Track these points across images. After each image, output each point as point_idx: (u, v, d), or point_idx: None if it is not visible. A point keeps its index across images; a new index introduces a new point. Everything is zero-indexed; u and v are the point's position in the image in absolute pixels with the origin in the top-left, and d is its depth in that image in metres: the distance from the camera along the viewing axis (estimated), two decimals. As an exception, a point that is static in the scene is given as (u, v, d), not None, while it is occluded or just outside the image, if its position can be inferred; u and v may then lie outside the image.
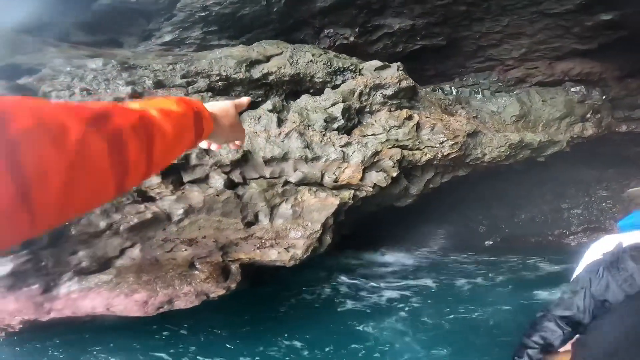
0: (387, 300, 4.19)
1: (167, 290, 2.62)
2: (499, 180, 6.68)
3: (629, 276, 1.07)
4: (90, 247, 2.64)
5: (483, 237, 9.35)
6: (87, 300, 2.52)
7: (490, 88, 6.44)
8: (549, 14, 5.18)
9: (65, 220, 0.37)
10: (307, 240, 3.24)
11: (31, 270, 2.53)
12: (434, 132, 4.46)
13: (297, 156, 3.61)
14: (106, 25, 5.55)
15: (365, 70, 4.40)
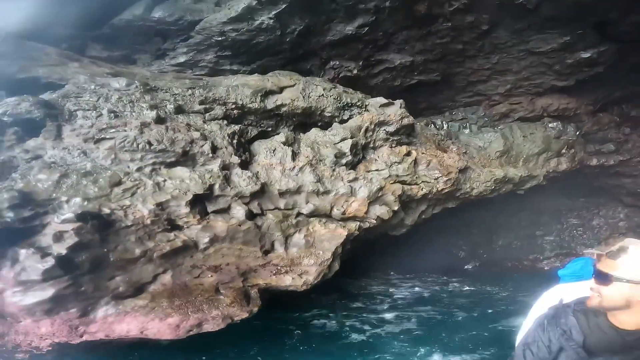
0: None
1: (197, 314, 3.03)
2: (479, 209, 7.52)
3: (567, 330, 1.10)
4: (127, 273, 3.00)
5: (463, 262, 10.14)
6: (123, 324, 2.85)
7: (477, 123, 7.30)
8: (535, 52, 6.00)
9: None
10: (319, 267, 3.76)
11: (71, 295, 2.83)
12: (429, 168, 5.14)
13: (310, 190, 4.14)
14: (122, 42, 5.90)
15: (371, 107, 5.03)
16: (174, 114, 4.13)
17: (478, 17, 5.57)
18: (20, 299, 2.64)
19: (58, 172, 3.14)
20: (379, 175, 4.74)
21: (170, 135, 3.67)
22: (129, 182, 3.33)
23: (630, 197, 8.58)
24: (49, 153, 3.31)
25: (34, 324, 2.69)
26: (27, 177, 3.08)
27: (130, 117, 3.64)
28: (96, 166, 3.37)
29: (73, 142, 3.41)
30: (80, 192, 3.07)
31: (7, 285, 2.64)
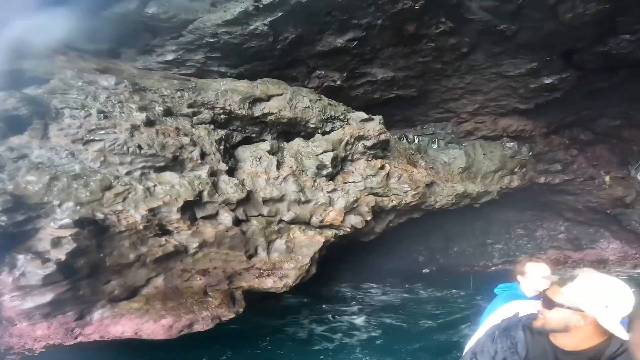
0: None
1: (189, 315, 3.28)
2: (438, 217, 8.26)
3: (513, 344, 1.15)
4: (122, 277, 3.16)
5: (421, 266, 11.03)
6: (118, 325, 3.03)
7: (445, 139, 8.04)
8: (505, 75, 6.71)
9: None
10: (298, 271, 4.15)
11: (70, 299, 2.95)
12: (400, 182, 5.70)
13: (292, 199, 4.49)
14: (109, 35, 5.74)
15: (352, 121, 5.46)
16: (163, 116, 4.25)
17: (460, 39, 6.18)
18: (19, 304, 2.72)
19: (47, 174, 3.19)
20: (355, 187, 5.21)
21: (161, 139, 3.82)
22: (119, 186, 3.46)
23: (570, 212, 9.88)
24: (35, 153, 3.33)
25: (29, 327, 2.79)
26: (16, 178, 3.10)
27: (120, 118, 3.73)
28: (85, 169, 3.45)
29: (60, 142, 3.44)
30: (72, 196, 3.16)
31: (5, 289, 2.71)
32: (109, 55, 5.92)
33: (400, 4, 5.80)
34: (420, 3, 5.75)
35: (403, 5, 5.80)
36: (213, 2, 5.93)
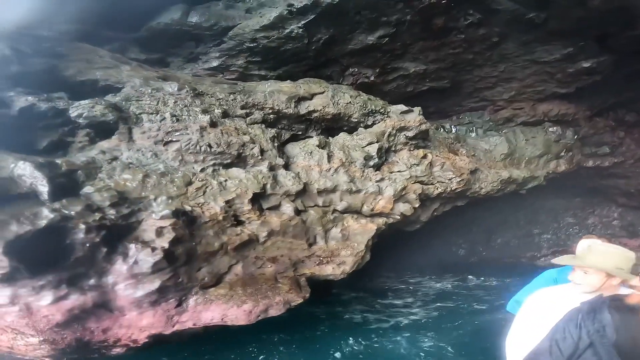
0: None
1: (265, 300, 3.70)
2: (478, 209, 8.32)
3: (601, 327, 1.13)
4: (210, 265, 3.65)
5: (463, 259, 11.00)
6: (208, 312, 3.46)
7: (483, 127, 8.16)
8: (539, 61, 6.91)
9: None
10: (354, 257, 4.51)
11: (172, 286, 3.40)
12: (443, 170, 5.95)
13: (344, 189, 4.87)
14: (158, 45, 6.37)
15: (392, 113, 5.79)
16: (221, 117, 4.77)
17: (489, 30, 6.40)
18: (132, 292, 3.22)
19: (140, 172, 3.74)
20: (402, 175, 5.52)
21: (226, 138, 4.32)
22: (198, 182, 3.97)
23: (623, 197, 9.65)
24: (124, 154, 3.90)
25: (137, 316, 3.26)
26: (114, 177, 3.66)
27: (189, 120, 4.27)
28: (168, 167, 3.99)
29: (144, 144, 4.01)
30: (163, 190, 3.69)
31: (120, 278, 3.21)
32: (159, 65, 6.56)
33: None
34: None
35: (431, 0, 6.09)
36: (248, 9, 6.47)
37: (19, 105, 3.81)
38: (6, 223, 2.78)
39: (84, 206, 3.17)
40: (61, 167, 3.37)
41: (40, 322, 3.04)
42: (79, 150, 3.99)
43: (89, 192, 3.39)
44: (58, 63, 4.64)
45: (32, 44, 4.62)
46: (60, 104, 3.99)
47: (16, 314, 2.95)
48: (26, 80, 4.41)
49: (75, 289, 3.10)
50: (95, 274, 3.19)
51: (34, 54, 4.55)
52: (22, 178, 3.07)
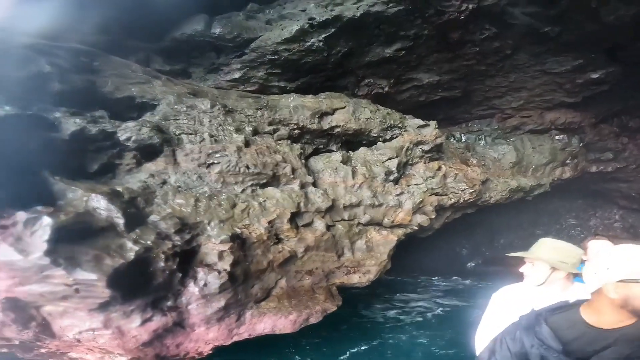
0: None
1: (306, 310, 4.32)
2: (483, 211, 8.92)
3: (542, 339, 1.21)
4: (261, 281, 4.24)
5: (466, 260, 11.69)
6: (261, 323, 4.06)
7: (491, 135, 8.83)
8: (550, 72, 7.60)
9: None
10: (378, 267, 5.16)
11: (234, 303, 4.00)
12: (456, 181, 6.60)
13: (367, 203, 5.49)
14: (180, 55, 6.75)
15: (409, 127, 6.38)
16: (252, 135, 5.28)
17: (503, 43, 6.99)
18: (203, 310, 3.80)
19: (191, 196, 4.26)
20: (419, 189, 6.15)
21: (261, 158, 4.87)
22: (241, 203, 4.52)
23: (625, 199, 10.49)
24: (172, 178, 4.41)
25: (205, 331, 3.85)
26: (168, 202, 4.18)
27: (225, 141, 4.78)
28: (212, 189, 4.52)
29: (189, 166, 4.51)
30: (214, 214, 4.22)
31: (192, 299, 3.79)
32: (182, 76, 6.94)
33: (447, 15, 6.62)
34: (465, 14, 6.48)
35: (449, 16, 6.61)
36: (268, 20, 6.90)
37: (70, 129, 4.25)
38: (101, 258, 3.30)
39: (155, 235, 3.70)
40: (124, 195, 3.86)
41: (130, 342, 3.60)
42: (127, 172, 4.47)
43: (156, 221, 3.92)
44: (95, 79, 5.02)
45: (69, 58, 4.89)
46: (108, 126, 4.44)
47: (109, 336, 3.49)
48: (67, 98, 4.73)
49: (157, 310, 3.67)
50: (172, 296, 3.76)
51: (72, 69, 4.85)
52: (97, 211, 3.57)
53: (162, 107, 5.05)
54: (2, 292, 3.41)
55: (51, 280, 3.22)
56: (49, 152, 4.02)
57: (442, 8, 6.28)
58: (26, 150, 3.84)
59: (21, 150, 3.79)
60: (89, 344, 3.58)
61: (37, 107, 4.36)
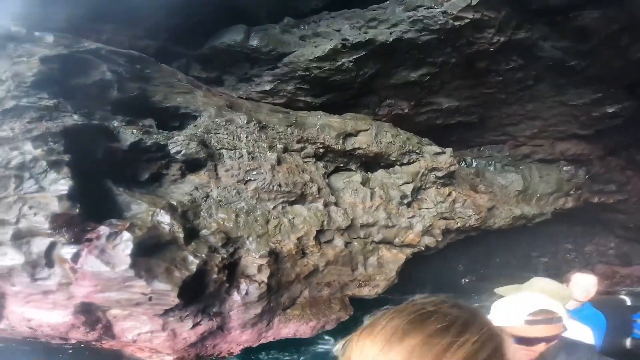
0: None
1: (324, 318, 5.09)
2: (486, 231, 9.46)
3: None
4: (289, 291, 4.98)
5: (460, 276, 12.35)
6: (286, 328, 4.83)
7: (502, 162, 9.51)
8: (568, 104, 8.20)
9: None
10: (386, 282, 5.94)
11: (267, 311, 4.78)
12: (464, 207, 7.33)
13: (382, 224, 6.23)
14: (216, 63, 7.34)
15: (426, 154, 7.09)
16: (282, 153, 5.93)
17: (527, 73, 7.54)
18: (242, 316, 4.57)
19: (232, 211, 4.95)
20: (429, 213, 6.89)
21: (292, 178, 5.57)
22: (273, 219, 5.23)
23: (622, 229, 11.30)
24: (214, 192, 5.11)
25: (239, 334, 4.63)
26: (212, 216, 4.88)
27: (261, 158, 5.46)
28: (249, 205, 5.23)
29: (229, 182, 5.21)
30: (252, 229, 4.94)
31: (234, 306, 4.56)
32: (216, 83, 7.53)
33: (477, 46, 7.14)
34: (496, 46, 7.01)
35: (479, 47, 7.13)
36: (302, 36, 7.50)
37: (129, 140, 4.92)
38: (171, 270, 4.02)
39: (207, 248, 4.43)
40: (178, 208, 4.55)
41: (179, 343, 4.35)
42: (172, 182, 5.16)
43: (206, 235, 4.64)
44: (147, 87, 5.64)
45: (126, 65, 5.43)
46: (160, 138, 5.12)
47: (164, 338, 4.25)
48: (122, 106, 5.35)
49: (205, 315, 4.43)
50: (218, 303, 4.51)
51: (128, 77, 5.42)
52: (161, 225, 4.24)
53: (203, 119, 5.71)
54: (80, 297, 4.10)
55: (131, 289, 3.94)
56: (110, 162, 4.66)
57: (473, 39, 6.84)
58: (94, 161, 4.48)
59: (90, 160, 4.42)
60: (143, 344, 4.32)
61: (99, 115, 4.96)
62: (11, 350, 4.93)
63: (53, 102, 4.49)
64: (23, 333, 4.68)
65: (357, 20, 6.68)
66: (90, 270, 3.91)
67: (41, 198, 3.83)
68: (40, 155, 3.92)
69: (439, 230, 6.97)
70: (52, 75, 4.63)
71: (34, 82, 4.47)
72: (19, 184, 3.91)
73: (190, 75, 7.01)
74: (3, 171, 3.89)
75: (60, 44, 4.91)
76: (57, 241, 3.91)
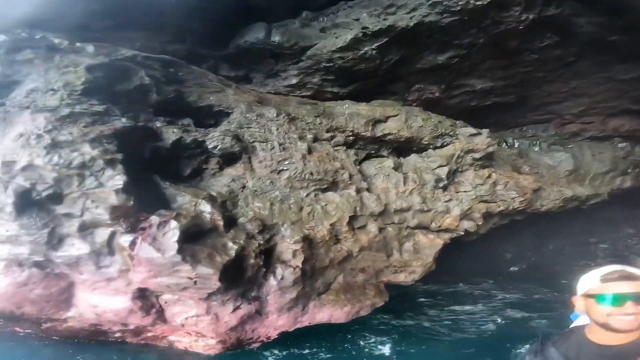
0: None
1: (358, 303, 5.43)
2: (533, 214, 9.16)
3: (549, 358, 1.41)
4: (323, 277, 5.40)
5: (509, 264, 11.97)
6: (320, 313, 5.26)
7: (547, 141, 9.29)
8: (614, 79, 8.15)
9: None
10: (423, 268, 6.14)
11: (302, 295, 5.23)
12: (507, 189, 7.31)
13: (417, 209, 6.44)
14: (243, 62, 7.84)
15: (461, 136, 7.16)
16: (312, 142, 6.26)
17: (566, 51, 7.39)
18: (279, 300, 5.00)
19: (267, 200, 5.38)
20: (467, 196, 6.98)
21: (323, 166, 5.90)
22: (306, 207, 5.63)
23: (690, 210, 10.46)
24: (250, 182, 5.59)
25: (276, 318, 5.09)
26: (249, 205, 5.34)
27: (292, 149, 5.86)
28: (283, 193, 5.67)
29: (263, 172, 5.67)
30: (286, 217, 5.36)
31: (271, 290, 5.05)
32: (244, 81, 8.04)
33: (504, 25, 7.08)
34: (525, 23, 6.88)
35: (507, 26, 7.06)
36: (322, 28, 7.81)
37: (171, 138, 5.55)
38: (213, 255, 4.54)
39: (245, 235, 4.92)
40: (217, 199, 5.05)
41: (221, 327, 4.90)
42: (211, 176, 5.69)
43: (244, 222, 5.16)
44: (182, 89, 6.27)
45: (160, 69, 6.06)
46: (198, 135, 5.71)
47: (208, 321, 4.82)
48: (162, 108, 5.96)
49: (245, 300, 4.98)
50: (256, 287, 5.04)
51: (164, 80, 6.06)
52: (203, 214, 4.76)
53: (235, 115, 6.23)
54: (137, 283, 4.72)
55: (179, 274, 4.51)
56: (156, 160, 5.26)
57: (499, 18, 6.85)
58: (142, 159, 5.09)
59: (139, 158, 5.04)
60: (190, 328, 4.88)
61: (143, 117, 5.59)
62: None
63: (103, 107, 5.21)
64: (89, 320, 5.40)
65: (375, 7, 6.97)
66: (145, 257, 4.50)
67: (100, 193, 4.52)
68: (97, 155, 4.64)
69: (479, 214, 7.01)
70: (98, 82, 5.39)
71: (84, 90, 5.23)
72: (81, 181, 4.64)
73: (220, 75, 7.57)
74: (66, 171, 4.64)
75: (100, 53, 5.66)
76: (117, 230, 4.60)
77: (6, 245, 5.06)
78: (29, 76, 5.27)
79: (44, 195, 4.67)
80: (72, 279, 5.22)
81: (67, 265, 5.08)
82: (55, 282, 5.29)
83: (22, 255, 5.04)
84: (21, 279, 5.39)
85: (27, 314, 5.27)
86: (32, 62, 5.35)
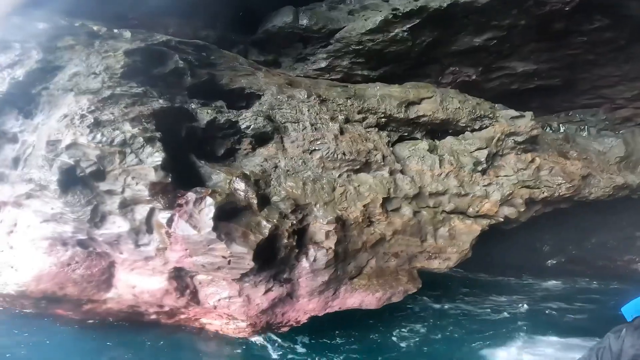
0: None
1: (390, 289, 5.50)
2: (575, 206, 8.73)
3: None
4: (355, 260, 5.45)
5: (546, 256, 11.41)
6: (351, 298, 5.34)
7: (597, 126, 8.83)
8: None
9: None
10: (459, 255, 6.07)
11: (334, 279, 5.31)
12: (552, 174, 7.11)
13: (453, 192, 6.40)
14: (272, 46, 7.99)
15: (501, 118, 7.01)
16: (344, 123, 6.30)
17: (618, 33, 6.97)
18: (311, 283, 5.09)
19: (299, 180, 5.48)
20: (509, 180, 6.84)
21: (355, 146, 5.93)
22: (339, 187, 5.71)
23: None
24: (282, 162, 5.74)
25: (307, 302, 5.22)
26: (282, 184, 5.47)
27: (324, 129, 5.91)
28: (315, 174, 5.79)
29: (295, 152, 5.81)
30: (319, 197, 5.47)
31: (303, 272, 5.14)
32: (274, 65, 8.18)
33: (549, 6, 6.82)
34: (572, 5, 6.58)
35: (552, 7, 6.82)
36: (350, 11, 7.84)
37: (205, 119, 5.82)
38: (247, 234, 4.72)
39: (278, 214, 5.06)
40: (250, 177, 5.19)
41: (252, 309, 5.10)
42: (244, 156, 5.89)
43: (277, 201, 5.31)
44: (214, 72, 6.55)
45: (194, 54, 6.28)
46: (231, 116, 5.96)
47: (240, 303, 5.04)
48: (196, 90, 6.25)
49: (277, 282, 5.17)
50: (288, 269, 5.21)
51: (197, 64, 6.30)
52: (238, 192, 4.93)
53: (267, 97, 6.42)
54: (173, 262, 4.94)
55: (214, 252, 4.73)
56: (191, 139, 5.49)
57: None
58: (178, 138, 5.33)
59: (176, 138, 5.27)
60: (222, 310, 5.08)
61: (179, 99, 5.85)
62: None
63: (141, 89, 5.55)
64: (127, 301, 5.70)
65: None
66: (181, 235, 4.74)
67: (140, 169, 4.82)
68: (138, 133, 4.96)
69: (521, 200, 6.83)
70: (136, 66, 5.75)
71: (123, 73, 5.60)
72: (122, 159, 4.97)
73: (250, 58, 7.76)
74: (109, 148, 4.99)
75: (137, 38, 6.05)
76: (155, 207, 4.93)
77: (50, 223, 5.50)
78: (71, 61, 5.71)
79: (88, 172, 5.08)
80: (112, 259, 5.55)
81: (108, 244, 5.45)
82: (97, 262, 5.66)
83: (65, 233, 5.47)
84: (64, 258, 5.79)
85: (69, 295, 5.48)
86: (74, 48, 5.84)
